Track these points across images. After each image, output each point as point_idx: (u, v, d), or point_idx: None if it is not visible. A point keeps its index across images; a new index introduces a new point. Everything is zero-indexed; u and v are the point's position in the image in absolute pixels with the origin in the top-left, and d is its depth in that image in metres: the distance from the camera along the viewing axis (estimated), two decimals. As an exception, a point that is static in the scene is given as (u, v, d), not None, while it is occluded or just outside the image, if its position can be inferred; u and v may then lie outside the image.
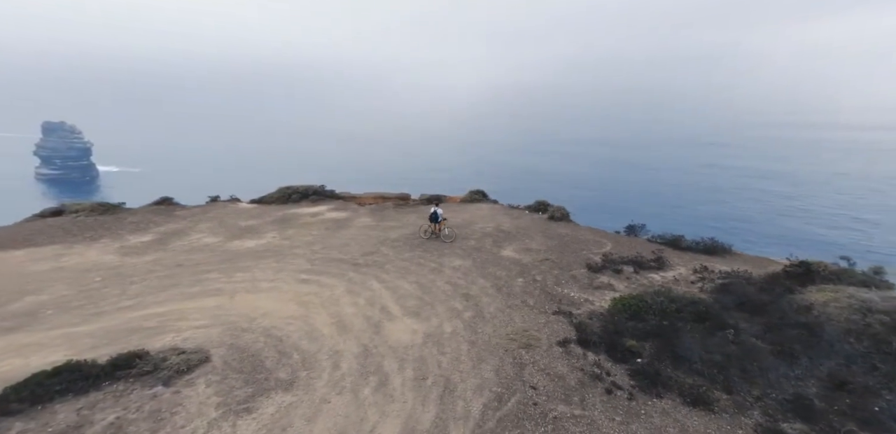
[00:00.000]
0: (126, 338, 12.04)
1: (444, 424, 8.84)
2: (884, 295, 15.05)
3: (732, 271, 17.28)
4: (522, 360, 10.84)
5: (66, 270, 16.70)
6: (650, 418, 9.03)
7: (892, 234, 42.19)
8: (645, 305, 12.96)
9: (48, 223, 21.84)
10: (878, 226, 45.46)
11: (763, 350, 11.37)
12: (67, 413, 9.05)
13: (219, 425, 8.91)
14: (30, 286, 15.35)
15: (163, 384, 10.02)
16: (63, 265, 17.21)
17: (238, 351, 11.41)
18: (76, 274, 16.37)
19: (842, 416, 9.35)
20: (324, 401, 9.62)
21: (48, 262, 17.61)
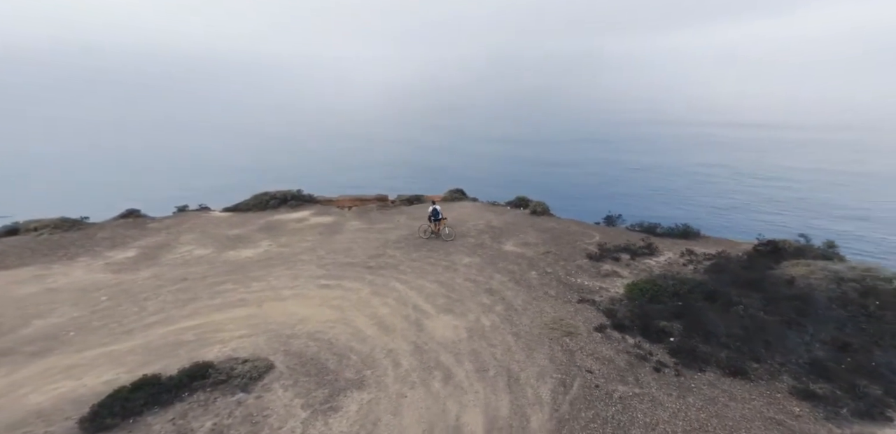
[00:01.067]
0: (173, 352, 12.42)
1: (521, 411, 10.18)
2: (847, 266, 17.95)
3: (716, 253, 19.74)
4: (570, 347, 12.40)
5: (60, 292, 16.39)
6: (701, 390, 10.87)
7: (742, 213, 49.53)
8: (660, 289, 14.94)
9: (7, 243, 20.87)
10: (736, 209, 52.81)
11: (772, 321, 13.61)
12: (162, 424, 9.58)
13: (312, 424, 9.76)
14: (29, 310, 15.06)
15: (242, 391, 10.68)
16: (53, 287, 16.83)
17: (295, 356, 12.14)
18: (74, 294, 16.15)
19: (851, 374, 11.63)
20: (400, 395, 10.66)
21: (32, 284, 17.12)
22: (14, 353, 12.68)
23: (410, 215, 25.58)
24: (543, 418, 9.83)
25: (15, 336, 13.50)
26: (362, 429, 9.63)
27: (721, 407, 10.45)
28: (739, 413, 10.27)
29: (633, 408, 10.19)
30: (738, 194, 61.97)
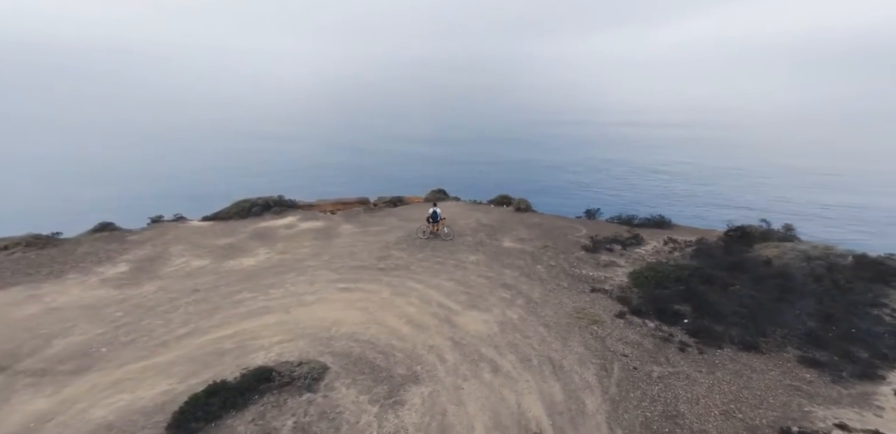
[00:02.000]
0: (218, 361, 13.02)
1: (575, 395, 11.64)
2: (810, 245, 20.63)
3: (695, 240, 22.06)
4: (599, 334, 14.03)
5: (65, 310, 16.35)
6: (725, 365, 12.77)
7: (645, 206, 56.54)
8: (662, 275, 16.88)
9: None
10: (638, 202, 59.76)
11: (766, 299, 15.77)
12: (245, 425, 10.34)
13: (385, 417, 10.81)
14: (42, 330, 15.04)
15: (308, 391, 11.55)
16: (55, 306, 16.73)
17: (343, 357, 13.06)
18: (83, 312, 16.18)
19: (840, 341, 13.89)
20: (457, 388, 11.86)
21: (29, 304, 16.91)
22: (50, 372, 12.85)
23: (399, 217, 26.58)
24: (597, 401, 11.32)
25: (42, 356, 13.58)
26: (433, 419, 10.73)
27: (746, 379, 12.36)
28: (763, 383, 12.21)
29: (672, 386, 11.89)
30: (637, 187, 69.37)
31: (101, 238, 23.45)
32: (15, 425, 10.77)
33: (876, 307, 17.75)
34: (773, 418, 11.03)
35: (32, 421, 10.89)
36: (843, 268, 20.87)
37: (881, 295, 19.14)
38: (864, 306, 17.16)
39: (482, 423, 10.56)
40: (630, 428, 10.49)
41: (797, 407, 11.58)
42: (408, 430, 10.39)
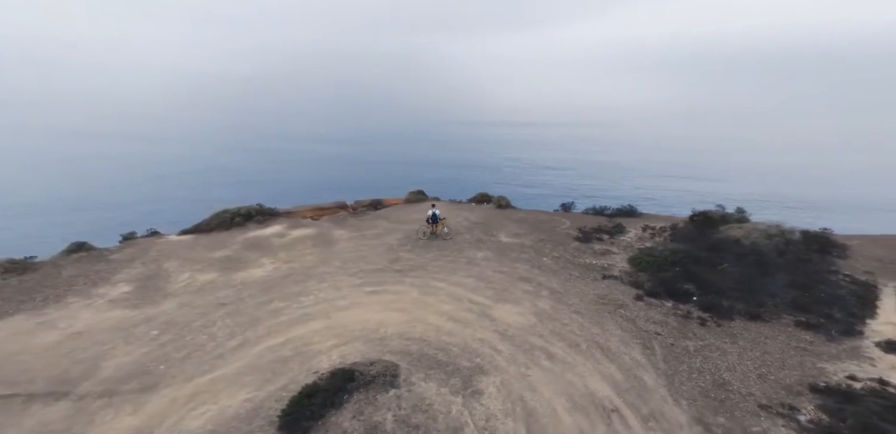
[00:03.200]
0: (285, 367, 14.13)
1: (632, 373, 13.83)
2: (769, 225, 24.17)
3: (669, 226, 25.14)
4: (628, 316, 16.40)
5: (91, 334, 16.54)
6: (743, 335, 15.53)
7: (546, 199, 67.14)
8: (660, 259, 19.56)
9: None
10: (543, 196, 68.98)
11: (751, 274, 18.77)
12: (348, 421, 11.66)
13: (471, 406, 12.47)
14: (79, 355, 15.30)
15: (392, 387, 12.91)
16: (76, 331, 16.83)
17: (405, 355, 14.53)
18: (112, 334, 16.48)
19: (818, 305, 17.03)
20: (523, 375, 13.68)
21: (43, 332, 16.85)
22: (117, 392, 13.40)
23: (389, 220, 27.88)
24: (653, 376, 13.60)
25: (98, 379, 13.99)
26: (515, 405, 12.49)
27: (763, 345, 15.24)
28: (777, 347, 15.10)
29: (709, 357, 14.46)
30: (539, 183, 79.12)
31: (81, 259, 23.01)
32: None
33: (832, 274, 21.45)
34: (798, 377, 13.89)
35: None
36: (797, 243, 24.72)
37: (831, 264, 23.02)
38: (823, 274, 20.74)
39: (561, 406, 12.43)
40: (691, 398, 12.85)
41: (811, 365, 14.51)
42: (497, 416, 12.05)
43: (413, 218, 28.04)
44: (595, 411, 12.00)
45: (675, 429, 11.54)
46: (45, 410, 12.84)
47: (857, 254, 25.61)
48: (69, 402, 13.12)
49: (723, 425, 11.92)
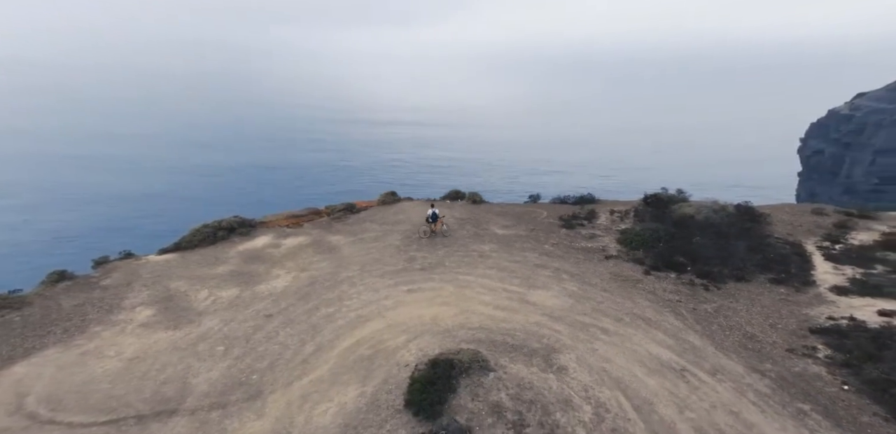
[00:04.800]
0: (373, 364, 16.22)
1: (678, 336, 17.46)
2: (710, 202, 29.16)
3: (630, 209, 29.46)
4: (648, 289, 20.11)
5: (151, 356, 17.29)
6: (739, 294, 19.79)
7: None
8: (646, 237, 23.48)
9: None
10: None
11: (720, 244, 23.23)
12: (471, 403, 14.04)
13: (564, 380, 15.14)
14: (160, 376, 16.20)
15: (489, 370, 15.25)
16: (130, 356, 17.46)
17: (477, 343, 17.03)
18: (175, 354, 17.35)
19: (773, 264, 21.76)
20: (592, 350, 16.67)
21: (94, 361, 17.31)
22: (228, 403, 14.81)
23: (376, 222, 29.76)
24: (697, 337, 17.39)
25: (199, 394, 15.18)
26: (601, 376, 15.35)
27: (757, 301, 19.69)
28: (768, 301, 19.55)
29: (728, 316, 18.51)
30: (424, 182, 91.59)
31: (71, 288, 22.74)
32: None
33: (770, 238, 26.77)
34: (796, 323, 18.32)
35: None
36: (734, 215, 30.11)
37: (765, 230, 28.49)
38: (765, 238, 25.94)
39: (639, 371, 15.58)
40: (735, 351, 16.78)
41: (798, 312, 19.06)
42: (592, 387, 14.78)
43: (398, 219, 30.12)
44: (668, 372, 15.31)
45: (739, 378, 15.24)
46: (167, 427, 13.91)
47: (773, 220, 31.68)
48: (185, 418, 14.21)
49: (772, 370, 15.90)
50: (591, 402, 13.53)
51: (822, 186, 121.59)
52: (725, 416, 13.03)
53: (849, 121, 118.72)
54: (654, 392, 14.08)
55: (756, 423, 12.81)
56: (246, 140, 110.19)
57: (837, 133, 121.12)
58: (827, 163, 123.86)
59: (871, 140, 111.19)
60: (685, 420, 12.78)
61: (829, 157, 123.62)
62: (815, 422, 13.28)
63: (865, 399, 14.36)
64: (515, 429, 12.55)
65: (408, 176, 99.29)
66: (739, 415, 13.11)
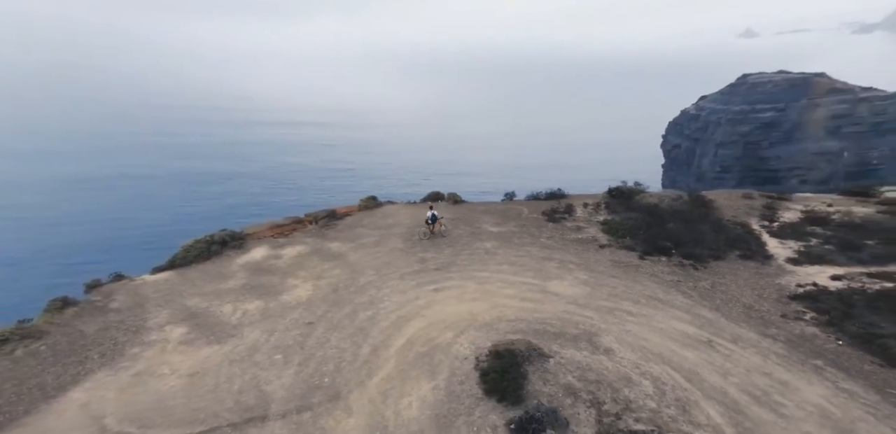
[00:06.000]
0: (434, 359, 18.16)
1: (693, 312, 20.64)
2: (668, 192, 33.21)
3: (600, 201, 32.88)
4: (649, 273, 23.27)
5: (212, 370, 18.19)
6: (722, 271, 23.52)
7: None
8: (629, 226, 26.77)
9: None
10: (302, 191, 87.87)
11: (689, 228, 26.90)
12: (545, 387, 16.24)
13: (616, 359, 17.55)
14: (233, 387, 17.19)
15: (545, 356, 17.57)
16: (188, 372, 18.25)
17: (521, 333, 19.30)
18: (235, 366, 18.37)
19: (737, 243, 25.66)
20: (626, 331, 19.44)
21: (152, 380, 17.94)
22: (314, 406, 16.24)
23: (367, 227, 31.22)
24: (708, 312, 20.77)
25: (280, 399, 16.48)
26: (643, 353, 17.94)
27: (738, 275, 23.53)
28: (745, 275, 23.55)
29: (724, 291, 22.01)
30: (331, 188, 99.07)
31: (81, 313, 22.80)
32: (357, 432, 14.66)
33: (723, 221, 31.01)
34: (775, 292, 22.12)
35: (375, 430, 14.78)
36: (689, 202, 34.33)
37: (717, 214, 32.82)
38: (721, 221, 30.10)
39: (674, 346, 18.52)
40: (742, 320, 20.22)
41: (772, 282, 22.93)
42: (641, 364, 17.33)
43: (389, 223, 31.79)
44: (699, 344, 18.39)
45: (757, 343, 18.63)
46: (265, 432, 15.18)
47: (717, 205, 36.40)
48: (278, 422, 15.57)
49: (778, 334, 19.46)
50: (647, 377, 16.21)
51: (680, 175, 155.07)
52: (761, 377, 16.24)
53: (696, 120, 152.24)
54: (695, 363, 17.05)
55: (788, 381, 16.12)
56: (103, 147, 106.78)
57: (688, 130, 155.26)
58: (682, 155, 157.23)
59: (713, 135, 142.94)
60: (731, 384, 15.83)
61: (684, 151, 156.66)
62: (831, 374, 16.84)
63: (859, 351, 18.19)
64: (595, 407, 14.89)
65: (313, 183, 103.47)
66: (772, 375, 16.37)
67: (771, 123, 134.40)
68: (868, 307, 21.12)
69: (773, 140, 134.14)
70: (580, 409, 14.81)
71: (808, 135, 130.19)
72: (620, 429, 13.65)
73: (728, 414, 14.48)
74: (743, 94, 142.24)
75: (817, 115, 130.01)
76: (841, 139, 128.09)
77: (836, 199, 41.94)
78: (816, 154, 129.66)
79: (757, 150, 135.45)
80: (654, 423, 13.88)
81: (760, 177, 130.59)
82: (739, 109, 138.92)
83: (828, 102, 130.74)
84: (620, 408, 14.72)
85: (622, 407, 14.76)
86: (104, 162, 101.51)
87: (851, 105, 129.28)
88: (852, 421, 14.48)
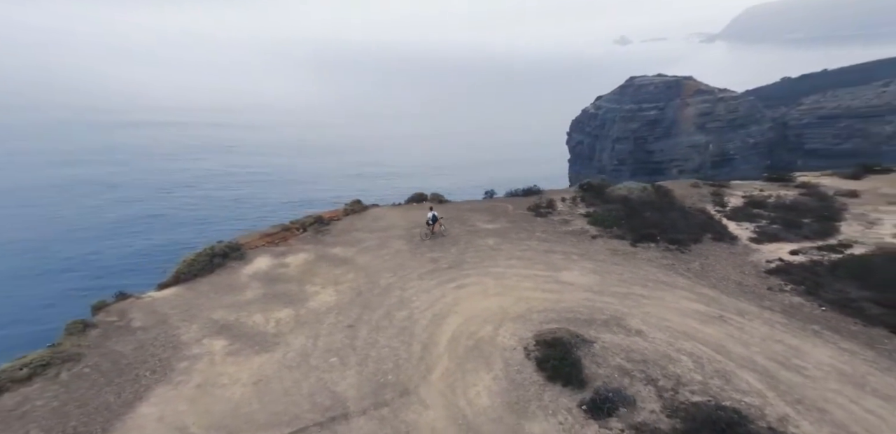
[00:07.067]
0: (483, 352, 20.32)
1: (695, 290, 23.79)
2: (635, 184, 36.76)
3: (574, 195, 36.05)
4: (645, 258, 26.42)
5: (275, 377, 19.41)
6: (704, 252, 27.15)
7: None
8: (616, 216, 29.91)
9: (49, 395, 19.30)
10: None
11: (663, 216, 30.39)
12: (600, 369, 18.63)
13: (650, 340, 20.48)
14: (302, 391, 18.49)
15: (589, 342, 20.04)
16: (249, 380, 19.38)
17: (556, 322, 21.72)
18: (300, 372, 19.66)
19: (706, 227, 29.43)
20: (647, 313, 22.27)
21: (240, 389, 18.92)
22: (389, 402, 17.89)
23: (362, 230, 32.63)
24: (708, 290, 24.21)
25: (354, 398, 17.95)
26: (671, 332, 20.62)
27: (719, 256, 27.10)
28: (724, 255, 27.13)
29: (712, 269, 25.46)
30: None
31: (109, 334, 23.06)
32: (439, 422, 16.63)
33: (687, 208, 34.93)
34: (753, 269, 25.82)
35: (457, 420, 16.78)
36: (653, 192, 38.15)
37: (679, 202, 36.76)
38: (684, 209, 33.98)
39: (694, 323, 21.43)
40: (739, 295, 23.70)
41: (746, 260, 26.68)
42: (671, 341, 20.07)
43: (382, 225, 33.38)
44: (713, 320, 21.51)
45: (760, 315, 21.98)
46: (353, 428, 16.75)
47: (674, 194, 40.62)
48: (361, 418, 17.17)
49: (773, 305, 23.00)
50: (683, 353, 19.07)
51: (584, 169, 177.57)
52: (776, 344, 19.56)
53: (595, 118, 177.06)
54: (717, 337, 20.15)
55: (798, 346, 19.51)
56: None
57: (589, 127, 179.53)
58: (585, 150, 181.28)
59: (609, 132, 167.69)
60: (755, 353, 18.99)
61: (586, 146, 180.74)
62: (829, 336, 20.43)
63: (840, 314, 21.97)
64: (651, 383, 17.41)
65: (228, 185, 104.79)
66: (784, 342, 19.72)
67: (654, 121, 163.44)
68: (831, 276, 25.19)
69: (657, 135, 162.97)
70: (639, 387, 17.34)
71: (682, 130, 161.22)
72: (682, 402, 16.30)
73: (763, 380, 17.53)
74: (631, 94, 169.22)
75: (688, 113, 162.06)
76: (707, 133, 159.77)
77: (762, 185, 48.05)
78: (689, 147, 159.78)
79: (644, 144, 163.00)
80: (708, 394, 16.65)
81: (648, 168, 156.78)
82: (629, 108, 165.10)
83: (695, 102, 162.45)
84: (673, 383, 17.38)
85: (674, 382, 17.43)
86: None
87: (713, 104, 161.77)
88: (862, 375, 17.98)
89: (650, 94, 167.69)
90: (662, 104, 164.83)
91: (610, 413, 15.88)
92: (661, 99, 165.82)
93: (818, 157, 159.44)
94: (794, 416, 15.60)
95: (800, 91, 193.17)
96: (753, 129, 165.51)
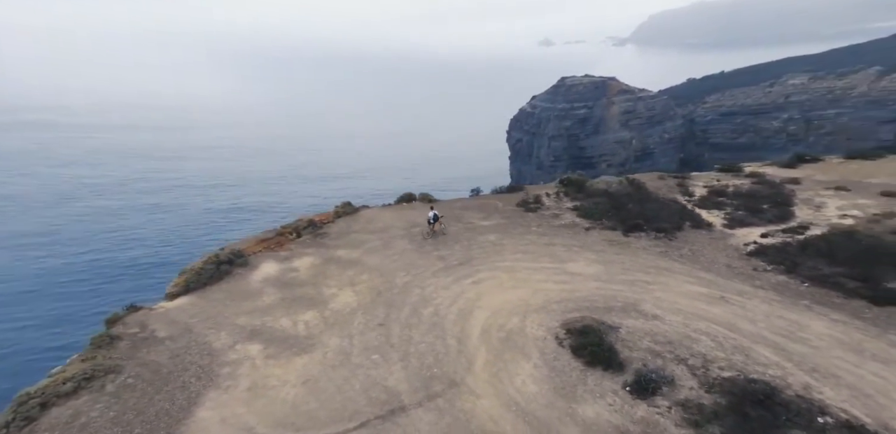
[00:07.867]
0: (517, 343, 21.96)
1: (693, 274, 26.36)
2: (612, 178, 39.48)
3: (559, 190, 38.33)
4: (640, 247, 28.95)
5: (322, 376, 20.51)
6: (689, 239, 29.75)
7: None
8: (603, 208, 32.29)
9: (103, 408, 19.76)
10: None
11: (644, 207, 33.03)
12: (632, 353, 20.58)
13: (668, 323, 22.53)
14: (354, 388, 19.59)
15: (614, 328, 22.03)
16: (301, 380, 20.32)
17: (577, 311, 23.60)
18: (385, 368, 20.73)
19: (682, 216, 32.34)
20: (657, 298, 24.48)
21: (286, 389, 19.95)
22: (440, 393, 19.13)
23: (361, 232, 33.69)
24: (704, 273, 26.80)
25: (408, 391, 19.13)
26: (683, 315, 22.96)
27: (703, 242, 29.69)
28: (706, 241, 29.95)
29: (701, 254, 28.01)
30: None
31: (139, 346, 23.36)
32: (495, 409, 18.22)
33: (662, 198, 37.81)
34: (735, 252, 28.82)
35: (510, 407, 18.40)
36: (630, 185, 40.91)
37: (653, 194, 39.62)
38: (660, 199, 36.85)
39: (700, 304, 23.74)
40: (732, 277, 26.25)
41: (726, 244, 29.50)
42: (686, 323, 22.16)
43: (379, 226, 34.51)
44: (717, 301, 23.97)
45: (756, 294, 24.55)
46: (414, 419, 18.01)
47: (647, 186, 43.64)
48: (419, 409, 18.47)
49: (763, 284, 25.69)
50: (701, 334, 21.33)
51: (524, 165, 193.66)
52: (778, 320, 22.15)
53: (532, 116, 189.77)
54: (725, 316, 22.58)
55: (797, 320, 22.17)
56: None
57: (527, 125, 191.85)
58: (525, 148, 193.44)
59: (545, 130, 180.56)
60: (762, 329, 21.48)
61: (525, 144, 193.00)
62: (819, 309, 23.25)
63: (822, 289, 24.91)
64: (682, 363, 19.43)
65: None
66: (784, 317, 22.35)
67: (584, 119, 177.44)
68: (803, 255, 28.35)
69: (587, 132, 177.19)
70: (673, 367, 19.39)
71: (609, 127, 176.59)
72: (714, 377, 18.41)
73: (778, 352, 19.95)
74: (563, 94, 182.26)
75: (613, 111, 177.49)
76: (630, 130, 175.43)
77: (717, 175, 52.03)
78: (616, 142, 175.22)
79: (577, 141, 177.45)
80: (735, 369, 18.86)
81: (581, 163, 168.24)
82: (562, 107, 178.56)
83: (619, 101, 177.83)
84: (701, 361, 19.52)
85: (702, 360, 19.57)
86: None
87: (634, 103, 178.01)
88: (858, 343, 20.75)
89: (580, 93, 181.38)
90: (591, 103, 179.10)
91: (654, 392, 17.86)
92: (590, 98, 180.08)
93: (721, 150, 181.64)
94: (814, 383, 18.07)
95: (703, 90, 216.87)
96: (668, 125, 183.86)
